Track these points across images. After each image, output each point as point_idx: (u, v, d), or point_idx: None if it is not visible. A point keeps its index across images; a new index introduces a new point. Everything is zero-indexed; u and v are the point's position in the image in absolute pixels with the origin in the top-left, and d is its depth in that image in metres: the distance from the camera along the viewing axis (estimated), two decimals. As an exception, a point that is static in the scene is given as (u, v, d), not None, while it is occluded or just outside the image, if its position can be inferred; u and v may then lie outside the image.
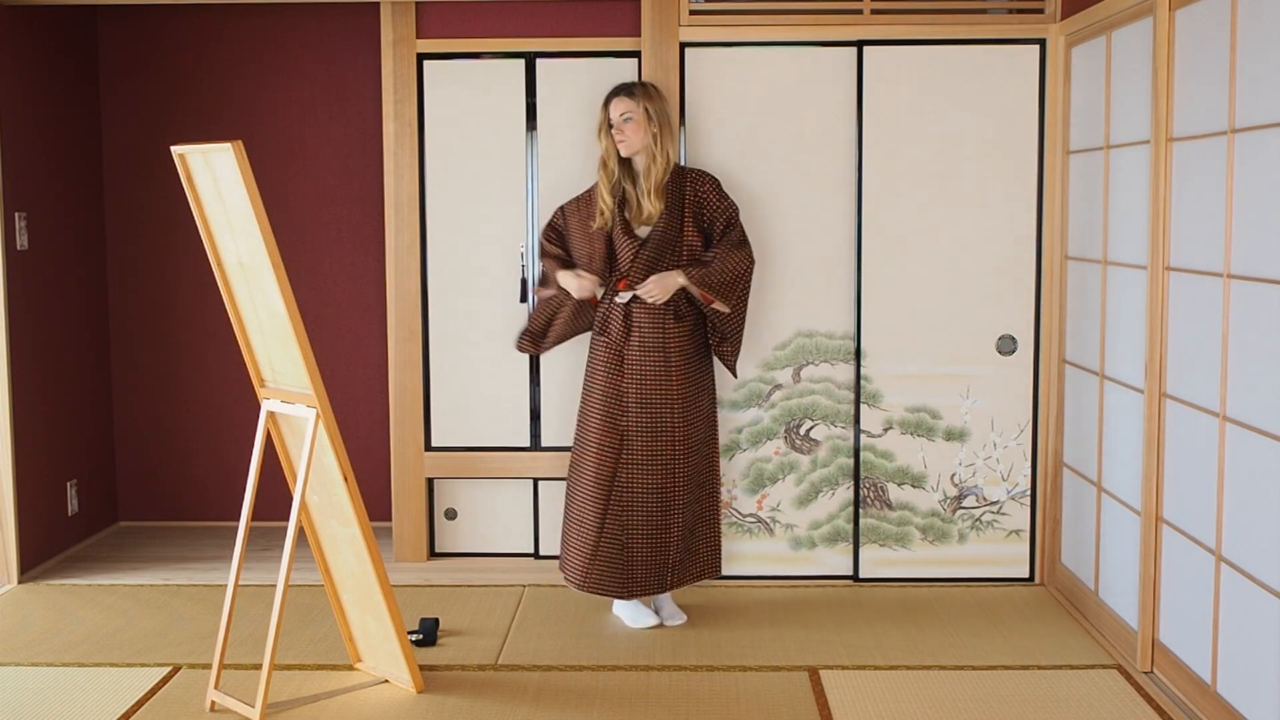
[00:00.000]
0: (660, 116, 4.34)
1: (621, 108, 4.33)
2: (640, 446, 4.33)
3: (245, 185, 3.34)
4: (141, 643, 4.23)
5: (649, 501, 4.33)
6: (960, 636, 4.28)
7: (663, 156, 4.34)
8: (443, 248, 4.96)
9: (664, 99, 4.40)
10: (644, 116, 4.32)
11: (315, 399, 3.52)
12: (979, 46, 4.73)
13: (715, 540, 4.50)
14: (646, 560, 4.34)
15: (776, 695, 3.78)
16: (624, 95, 4.34)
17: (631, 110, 4.32)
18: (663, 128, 4.34)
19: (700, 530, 4.44)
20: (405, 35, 4.89)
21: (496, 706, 3.71)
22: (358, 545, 3.65)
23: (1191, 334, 3.63)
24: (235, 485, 5.62)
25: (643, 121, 4.32)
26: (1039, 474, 4.81)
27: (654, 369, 4.33)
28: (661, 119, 4.34)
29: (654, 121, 4.33)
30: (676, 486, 4.34)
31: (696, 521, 4.42)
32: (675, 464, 4.33)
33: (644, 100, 4.33)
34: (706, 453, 4.45)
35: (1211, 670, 3.50)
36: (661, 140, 4.34)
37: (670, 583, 4.38)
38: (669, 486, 4.33)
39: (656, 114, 4.33)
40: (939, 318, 4.79)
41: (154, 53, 5.58)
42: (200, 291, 5.62)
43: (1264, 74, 3.22)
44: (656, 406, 4.32)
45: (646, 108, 4.32)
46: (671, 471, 4.33)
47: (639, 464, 4.33)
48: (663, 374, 4.33)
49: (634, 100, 4.32)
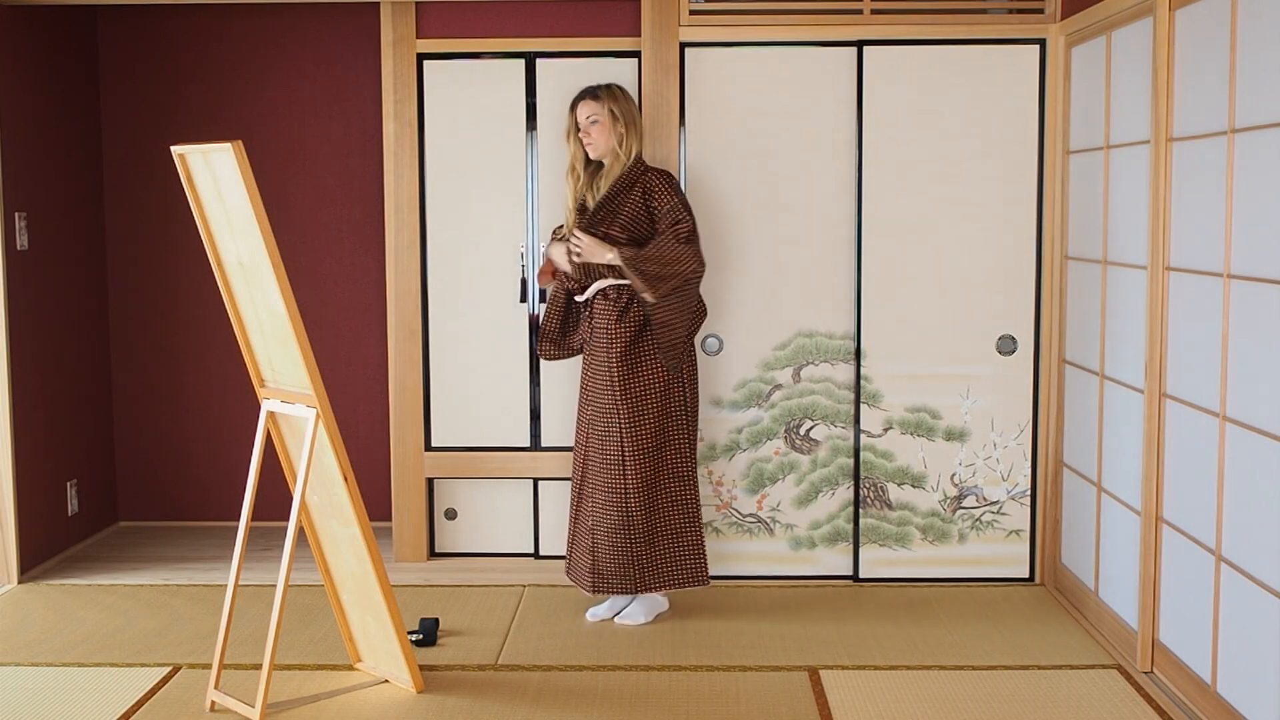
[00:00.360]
0: (625, 117, 4.36)
1: (587, 110, 4.36)
2: (596, 446, 4.37)
3: (245, 185, 3.34)
4: (141, 643, 4.23)
5: (604, 500, 4.35)
6: (960, 636, 4.28)
7: (626, 155, 4.36)
8: (443, 248, 4.96)
9: (629, 99, 4.41)
10: (609, 118, 4.34)
11: (315, 399, 3.52)
12: (979, 46, 4.73)
13: (692, 548, 4.40)
14: (611, 559, 4.35)
15: (776, 695, 3.78)
16: (589, 98, 4.37)
17: (597, 113, 4.34)
18: (628, 128, 4.36)
19: (669, 536, 4.37)
20: (405, 35, 4.89)
21: (496, 706, 3.71)
22: (358, 545, 3.65)
23: (1191, 334, 3.63)
24: (235, 485, 5.62)
25: (608, 123, 4.34)
26: (1039, 474, 4.81)
27: (599, 367, 4.36)
28: (627, 119, 4.36)
29: (620, 122, 4.35)
30: (627, 488, 4.32)
31: (661, 526, 4.36)
32: (626, 464, 4.31)
33: (609, 102, 4.35)
34: (664, 456, 4.35)
35: (1211, 670, 3.50)
36: (626, 140, 4.36)
37: (638, 586, 4.35)
38: (619, 487, 4.33)
39: (622, 114, 4.35)
40: (939, 318, 4.79)
41: (154, 53, 5.58)
42: (200, 291, 5.62)
43: (1264, 74, 3.22)
44: (603, 404, 4.35)
45: (611, 109, 4.34)
46: (621, 472, 4.32)
47: (595, 462, 4.38)
48: (605, 372, 4.34)
49: (599, 102, 4.34)
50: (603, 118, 4.34)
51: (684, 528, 4.40)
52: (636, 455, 4.32)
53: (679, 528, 4.40)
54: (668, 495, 4.38)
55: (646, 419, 4.34)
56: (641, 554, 4.34)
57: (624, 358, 4.32)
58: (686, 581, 4.40)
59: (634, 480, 4.32)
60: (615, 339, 4.33)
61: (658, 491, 4.37)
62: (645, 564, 4.35)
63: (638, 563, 4.34)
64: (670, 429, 4.37)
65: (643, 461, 4.33)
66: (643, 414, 4.33)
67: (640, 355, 4.34)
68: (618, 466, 4.33)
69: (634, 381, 4.33)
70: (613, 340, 4.33)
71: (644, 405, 4.33)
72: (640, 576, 4.35)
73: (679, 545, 4.40)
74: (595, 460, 4.38)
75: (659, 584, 4.37)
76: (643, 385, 4.34)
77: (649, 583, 4.36)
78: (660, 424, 4.35)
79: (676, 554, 4.40)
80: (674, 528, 4.39)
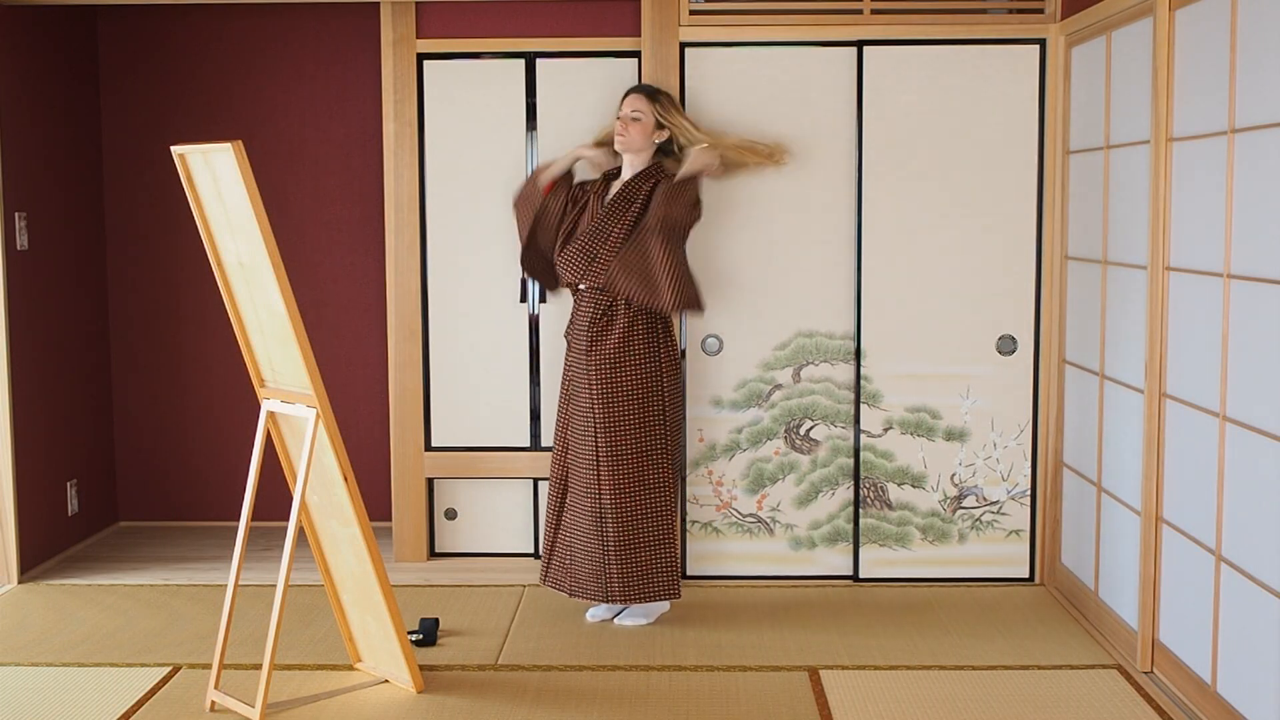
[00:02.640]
0: (670, 128, 4.36)
1: (634, 105, 4.36)
2: (575, 447, 4.35)
3: (245, 185, 3.34)
4: (141, 643, 4.23)
5: (581, 504, 4.33)
6: (960, 636, 4.28)
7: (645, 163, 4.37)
8: (443, 248, 4.96)
9: (680, 113, 4.41)
10: (653, 124, 4.35)
11: (315, 399, 3.52)
12: (979, 46, 4.73)
13: (664, 562, 4.31)
14: (585, 565, 4.33)
15: (776, 695, 3.78)
16: (643, 95, 4.38)
17: (643, 112, 4.35)
18: (676, 134, 4.37)
19: (640, 548, 4.30)
20: (405, 35, 4.89)
21: (496, 706, 3.71)
22: (358, 545, 3.65)
23: (1191, 334, 3.63)
24: (235, 485, 5.62)
25: (649, 127, 4.35)
26: (1039, 474, 4.81)
27: (579, 369, 4.34)
28: (674, 129, 4.37)
29: (659, 131, 4.37)
30: (601, 494, 4.28)
31: (633, 537, 4.29)
32: (600, 471, 4.28)
33: (660, 109, 4.36)
34: (640, 466, 4.29)
35: (1211, 670, 3.50)
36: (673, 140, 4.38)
37: (611, 595, 4.30)
38: (594, 492, 4.29)
39: (670, 125, 4.37)
40: (939, 318, 4.79)
41: (154, 53, 5.58)
42: (200, 291, 5.62)
43: (1264, 74, 3.22)
44: (582, 406, 4.32)
45: (659, 117, 4.35)
46: (596, 478, 4.29)
47: (575, 464, 4.36)
48: (583, 375, 4.32)
49: (651, 104, 4.36)
50: (646, 119, 4.34)
51: (657, 540, 4.31)
52: (611, 463, 4.28)
53: (654, 541, 4.31)
54: (642, 506, 4.30)
55: (622, 427, 4.29)
56: (612, 564, 4.29)
57: (601, 363, 4.29)
58: (655, 596, 4.32)
59: (608, 487, 4.28)
60: (595, 343, 4.30)
61: (632, 501, 4.30)
62: (615, 575, 4.29)
63: (608, 573, 4.30)
64: (647, 438, 4.31)
65: (617, 470, 4.28)
66: (619, 421, 4.28)
67: (619, 362, 4.29)
68: (592, 472, 4.30)
69: (612, 388, 4.28)
70: (593, 344, 4.31)
71: (621, 413, 4.28)
72: (610, 587, 4.29)
73: (650, 559, 4.31)
74: (575, 462, 4.36)
75: (628, 597, 4.29)
76: (621, 393, 4.29)
77: (618, 594, 4.28)
78: (637, 433, 4.30)
79: (647, 568, 4.30)
80: (646, 540, 4.30)
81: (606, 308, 4.31)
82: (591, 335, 4.31)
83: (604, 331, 4.31)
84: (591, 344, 4.31)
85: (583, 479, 4.33)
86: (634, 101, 4.36)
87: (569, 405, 4.41)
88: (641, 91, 4.41)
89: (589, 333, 4.32)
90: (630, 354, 4.31)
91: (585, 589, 4.35)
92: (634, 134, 4.35)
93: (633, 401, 4.30)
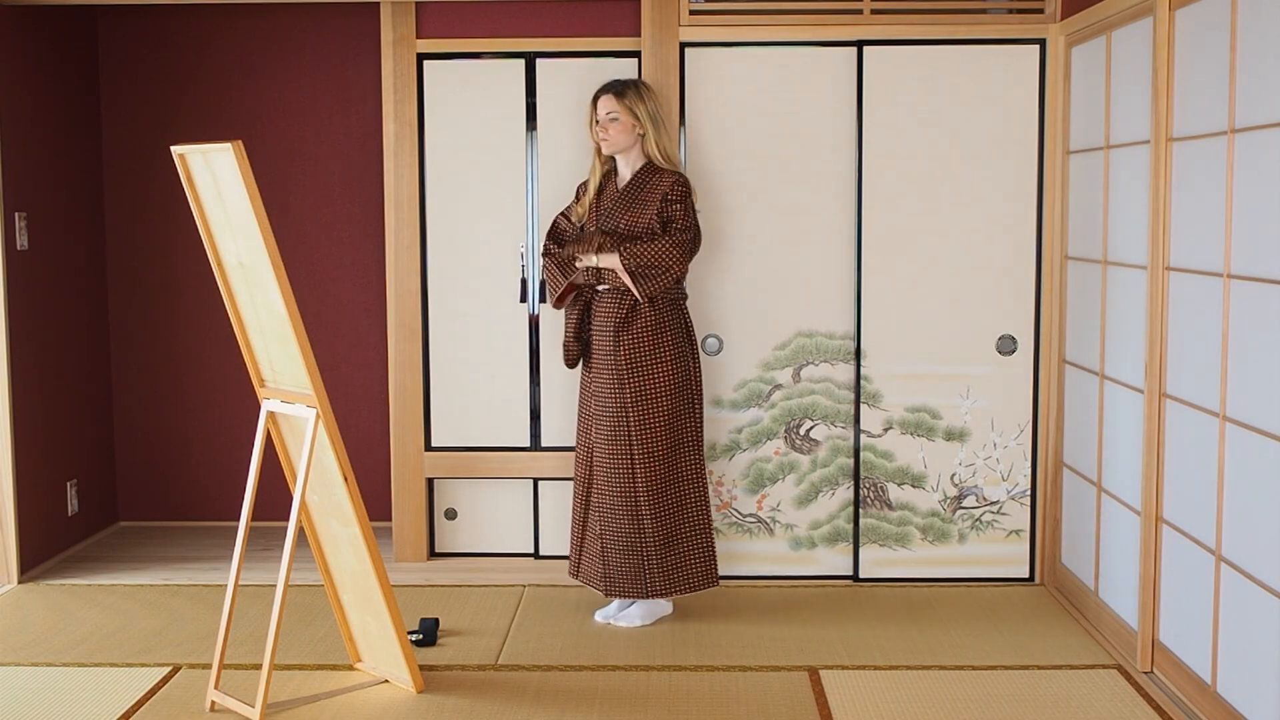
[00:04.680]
0: (649, 118, 4.31)
1: (607, 107, 4.31)
2: (602, 447, 4.34)
3: (245, 185, 3.34)
4: (141, 643, 4.23)
5: (614, 504, 4.32)
6: (960, 636, 4.28)
7: (645, 154, 4.34)
8: (443, 248, 4.96)
9: (654, 99, 4.35)
10: (630, 118, 4.30)
11: (315, 399, 3.52)
12: (979, 46, 4.73)
13: (703, 551, 4.37)
14: (623, 564, 4.33)
15: (776, 695, 3.78)
16: (611, 95, 4.31)
17: (616, 110, 4.30)
18: (655, 128, 4.32)
19: (681, 540, 4.34)
20: (405, 35, 4.89)
21: (496, 706, 3.71)
22: (358, 545, 3.65)
23: (1191, 334, 3.63)
24: (235, 485, 5.62)
25: (628, 123, 4.31)
26: (1039, 474, 4.81)
27: (605, 368, 4.31)
28: (653, 120, 4.31)
29: (640, 123, 4.31)
30: (638, 492, 4.28)
31: (673, 531, 4.32)
32: (636, 469, 4.28)
33: (632, 101, 4.29)
34: (674, 460, 4.32)
35: (1211, 670, 3.50)
36: (650, 139, 4.32)
37: (652, 590, 4.32)
38: (629, 491, 4.29)
39: (645, 116, 4.30)
40: (939, 318, 4.79)
41: (154, 53, 5.59)
42: (200, 291, 5.62)
43: (1264, 74, 3.22)
44: (610, 406, 4.30)
45: (633, 109, 4.29)
46: (631, 476, 4.29)
47: (602, 464, 4.34)
48: (611, 374, 4.29)
49: (620, 101, 4.29)
50: (622, 116, 4.29)
51: (695, 531, 4.36)
52: (647, 460, 4.28)
53: (691, 532, 4.36)
54: (678, 499, 4.34)
55: (656, 423, 4.29)
56: (653, 559, 4.31)
57: (631, 361, 4.28)
58: (697, 585, 4.37)
59: (644, 485, 4.28)
60: (621, 341, 4.29)
61: (668, 496, 4.32)
62: (657, 570, 4.31)
63: (649, 568, 4.32)
64: (679, 433, 4.33)
65: (653, 466, 4.29)
66: (653, 418, 4.28)
67: (649, 358, 4.28)
68: (627, 471, 4.30)
69: (644, 386, 4.28)
70: (619, 343, 4.29)
71: (654, 410, 4.28)
72: (652, 582, 4.32)
73: (691, 550, 4.36)
74: (602, 461, 4.35)
75: (671, 589, 4.33)
76: (653, 390, 4.28)
77: (661, 588, 4.31)
78: (670, 428, 4.31)
79: (688, 559, 4.35)
80: (686, 532, 4.35)
81: (631, 306, 4.29)
82: (616, 331, 4.29)
83: (627, 323, 4.28)
84: (618, 340, 4.29)
85: (613, 479, 4.31)
86: (605, 103, 4.31)
87: (591, 404, 4.39)
88: (609, 90, 4.33)
89: (613, 328, 4.29)
90: (659, 346, 4.28)
91: (621, 588, 4.34)
92: (615, 134, 4.31)
93: (665, 394, 4.29)
